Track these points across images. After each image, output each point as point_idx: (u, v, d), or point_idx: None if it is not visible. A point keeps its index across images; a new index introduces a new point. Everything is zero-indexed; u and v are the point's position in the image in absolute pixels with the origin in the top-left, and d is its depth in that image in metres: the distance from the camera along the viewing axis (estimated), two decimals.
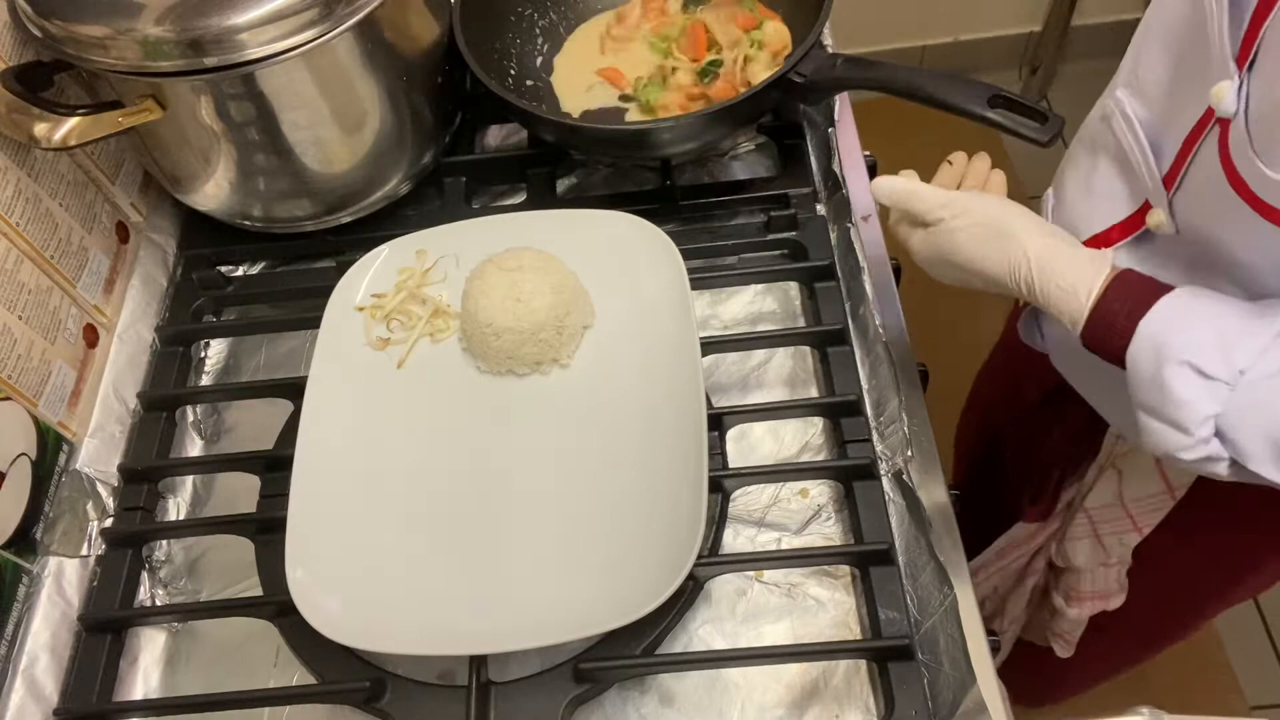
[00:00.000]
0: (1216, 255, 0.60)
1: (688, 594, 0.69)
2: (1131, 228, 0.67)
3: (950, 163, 0.73)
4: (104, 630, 0.71)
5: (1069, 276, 0.61)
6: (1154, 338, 0.57)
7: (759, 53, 0.91)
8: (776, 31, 0.92)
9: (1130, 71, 0.67)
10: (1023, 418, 0.96)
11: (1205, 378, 0.55)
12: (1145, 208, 0.65)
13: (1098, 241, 0.68)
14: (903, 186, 0.69)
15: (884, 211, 0.87)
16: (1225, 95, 0.53)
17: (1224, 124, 0.54)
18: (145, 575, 0.76)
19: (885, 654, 0.65)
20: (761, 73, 0.89)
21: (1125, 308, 0.58)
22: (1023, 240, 0.63)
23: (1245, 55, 0.53)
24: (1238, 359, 0.54)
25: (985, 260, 0.64)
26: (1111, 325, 0.59)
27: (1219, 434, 0.56)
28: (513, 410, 0.76)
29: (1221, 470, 0.58)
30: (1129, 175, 0.67)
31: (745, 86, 0.89)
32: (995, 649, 0.65)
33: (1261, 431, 0.55)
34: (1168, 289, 0.58)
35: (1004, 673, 0.63)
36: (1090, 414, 0.79)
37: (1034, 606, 1.06)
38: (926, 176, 0.72)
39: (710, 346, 0.78)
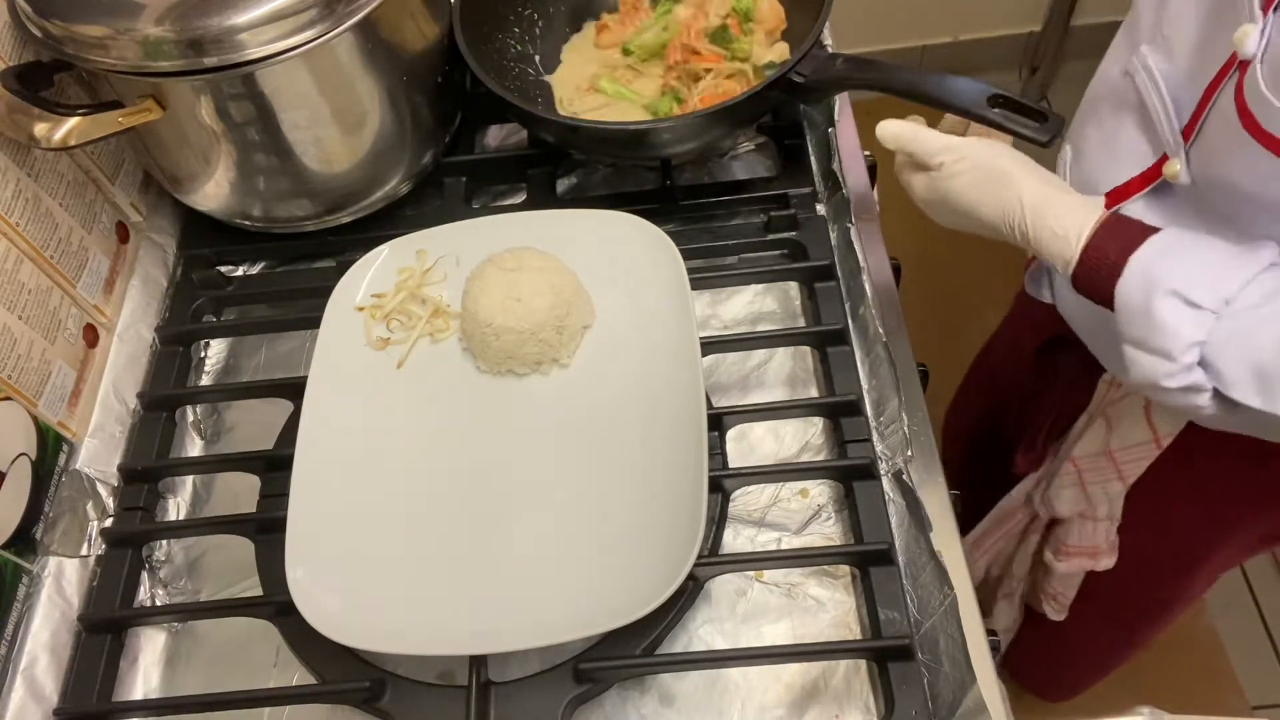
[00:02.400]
0: (1229, 204, 0.62)
1: (688, 594, 0.69)
2: (1148, 179, 0.68)
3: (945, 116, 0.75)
4: (104, 630, 0.71)
5: (1062, 221, 0.63)
6: (1143, 271, 0.59)
7: (754, 28, 0.91)
8: (771, 8, 0.92)
9: (1153, 27, 0.68)
10: (1021, 372, 0.97)
11: (1192, 306, 0.57)
12: (1163, 160, 0.66)
13: (1117, 195, 0.70)
14: (907, 130, 0.70)
15: (884, 210, 0.88)
16: (1249, 36, 0.54)
17: (1243, 67, 0.56)
18: (145, 575, 0.76)
19: (885, 654, 0.65)
20: (760, 53, 0.90)
21: (1116, 246, 0.60)
22: (1018, 186, 0.65)
23: (1271, 1, 0.54)
24: (1224, 289, 0.56)
25: (981, 205, 0.66)
26: (1102, 264, 0.61)
27: (1203, 363, 0.58)
28: (513, 410, 0.76)
29: (1204, 402, 0.59)
30: (1149, 130, 0.68)
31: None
32: (995, 649, 0.65)
33: (1244, 359, 0.56)
34: (1157, 230, 0.60)
35: (1012, 662, 0.63)
36: (1085, 363, 0.81)
37: (1034, 571, 1.07)
38: None
39: (710, 346, 0.78)
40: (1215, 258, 0.58)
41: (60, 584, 0.72)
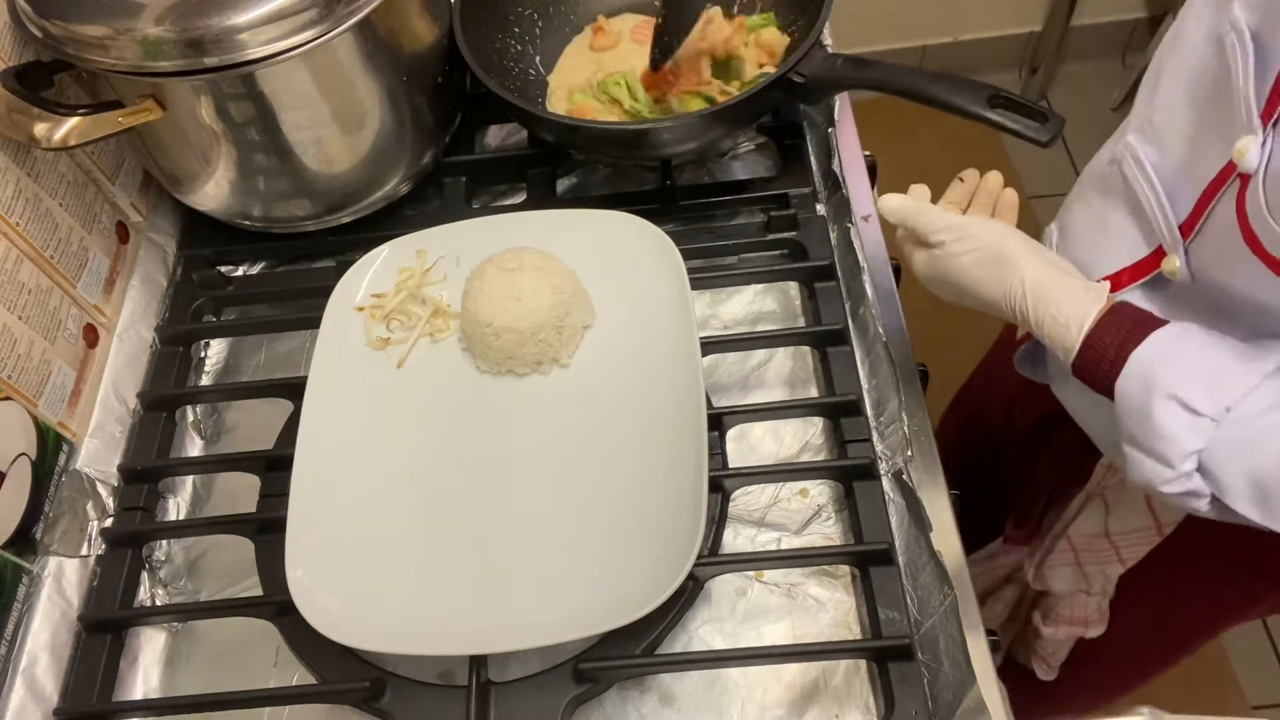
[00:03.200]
0: (1230, 303, 0.60)
1: (688, 594, 0.69)
2: (1144, 271, 0.66)
3: (961, 179, 0.73)
4: (104, 630, 0.71)
5: (1064, 307, 0.61)
6: (1143, 370, 0.57)
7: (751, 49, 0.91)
8: (773, 36, 0.92)
9: (1144, 117, 0.67)
10: (1011, 441, 0.96)
11: (1191, 413, 0.55)
12: (1159, 253, 0.65)
13: (1112, 283, 0.68)
14: (910, 206, 0.69)
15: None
16: (1249, 151, 0.53)
17: (1244, 179, 0.54)
18: (145, 575, 0.76)
19: (885, 654, 0.65)
20: (749, 70, 0.90)
21: (1117, 339, 0.59)
22: (1020, 268, 0.63)
23: (1271, 112, 0.52)
24: (1225, 396, 0.55)
25: (983, 285, 0.65)
26: (1102, 356, 0.59)
27: (1202, 469, 0.56)
28: (513, 410, 0.76)
29: (1202, 506, 0.58)
30: (1141, 220, 0.66)
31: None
32: (995, 649, 0.65)
33: (1243, 469, 0.55)
34: (1162, 323, 0.58)
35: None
36: (1081, 443, 0.79)
37: (1016, 621, 1.05)
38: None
39: (710, 346, 0.78)
40: (1217, 361, 0.56)
41: (60, 584, 0.72)
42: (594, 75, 0.95)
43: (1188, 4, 0.64)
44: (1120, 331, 0.59)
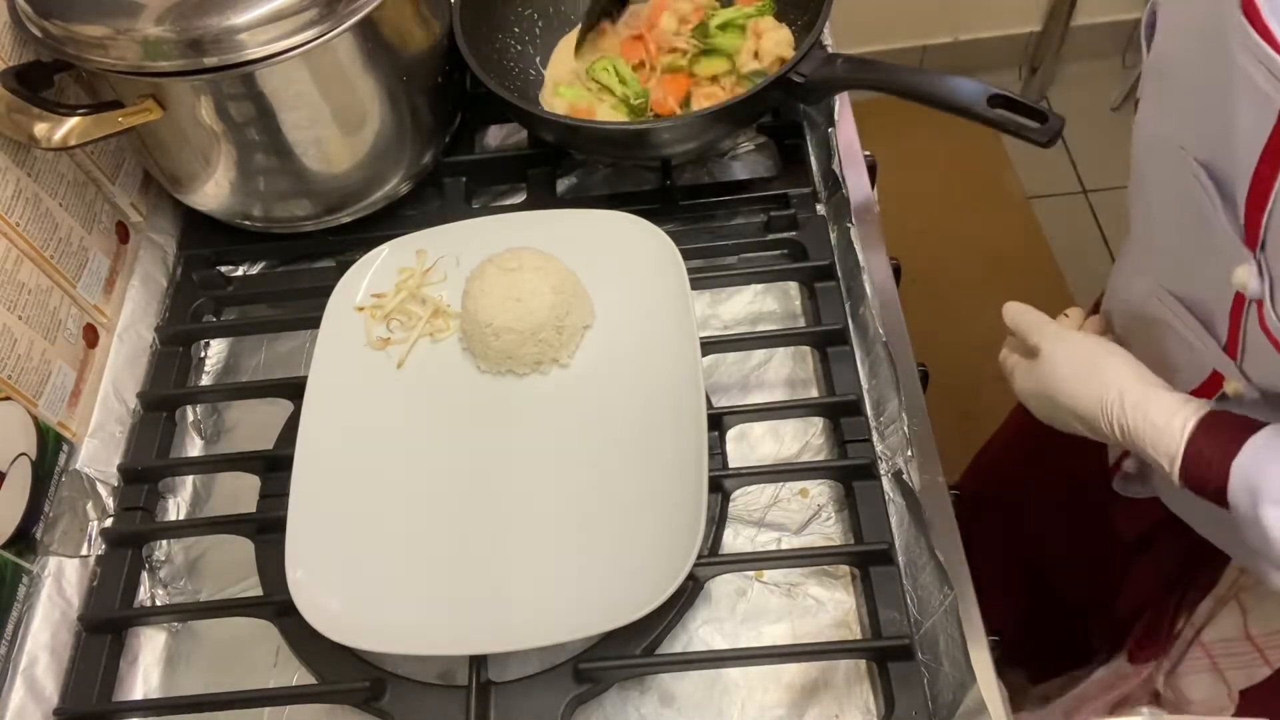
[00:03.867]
0: None
1: (688, 594, 0.69)
2: (1210, 393, 0.66)
3: (1068, 315, 0.75)
4: (104, 630, 0.71)
5: (1162, 415, 0.61)
6: (1246, 478, 0.56)
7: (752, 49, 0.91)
8: (777, 37, 0.91)
9: (1146, 251, 0.68)
10: (1107, 557, 0.92)
11: None
12: (1217, 377, 0.65)
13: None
14: (1026, 310, 0.71)
15: (885, 210, 0.88)
16: (1249, 281, 0.53)
17: (1259, 303, 0.54)
18: (145, 575, 0.76)
19: (885, 654, 0.65)
20: (746, 61, 0.90)
21: (1219, 447, 0.58)
22: (1118, 379, 0.63)
23: (1253, 237, 0.53)
24: None
25: (1078, 397, 0.65)
26: (1208, 466, 0.58)
27: None
28: (513, 410, 0.76)
29: None
30: (1189, 348, 0.66)
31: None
32: (995, 649, 0.65)
33: None
34: (1259, 425, 0.58)
35: None
36: (1196, 545, 0.76)
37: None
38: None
39: (710, 346, 0.78)
40: None
41: (60, 584, 0.72)
42: (577, 66, 0.95)
43: (1141, 151, 0.64)
44: (1219, 437, 0.58)
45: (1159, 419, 0.61)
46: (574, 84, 0.95)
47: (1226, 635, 0.82)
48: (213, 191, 0.85)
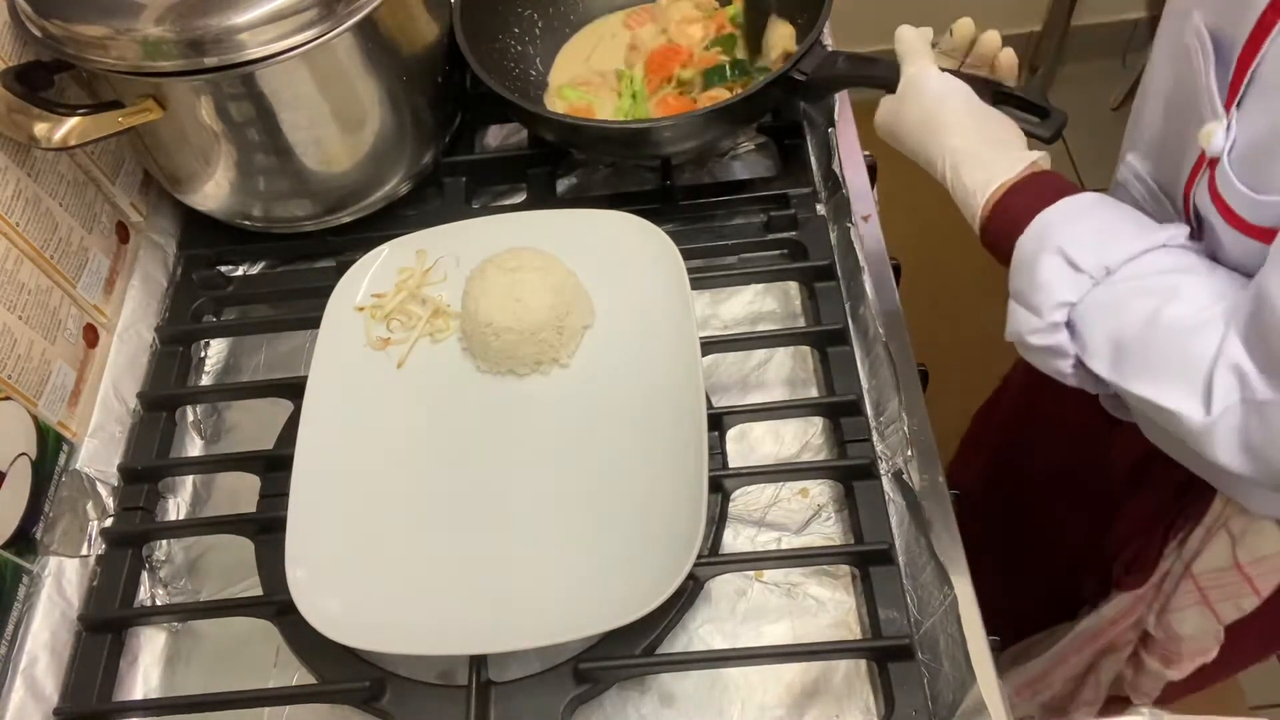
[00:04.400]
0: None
1: (688, 594, 0.69)
2: None
3: (952, 32, 0.76)
4: (104, 630, 0.71)
5: (978, 175, 0.64)
6: (1042, 229, 0.59)
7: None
8: (780, 34, 0.92)
9: (1136, 135, 0.69)
10: (1103, 495, 0.92)
11: (1073, 268, 0.57)
12: None
13: (1046, 154, 0.71)
14: (911, 36, 0.73)
15: (884, 210, 0.88)
16: (1215, 135, 0.54)
17: (1213, 165, 0.55)
18: (145, 575, 0.76)
19: (885, 654, 0.65)
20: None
21: (1028, 203, 0.61)
22: (949, 137, 0.66)
23: (1233, 97, 0.54)
24: (1109, 257, 0.56)
25: (920, 146, 0.69)
26: (1014, 220, 0.61)
27: (1072, 328, 0.58)
28: (513, 410, 0.76)
29: (1066, 368, 0.60)
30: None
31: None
32: (995, 649, 0.65)
33: (1108, 331, 0.56)
34: (1078, 193, 0.60)
35: None
36: (1187, 479, 0.77)
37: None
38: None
39: (710, 346, 0.78)
40: (1116, 228, 0.58)
41: (60, 584, 0.72)
42: (581, 70, 0.96)
43: (1159, 32, 0.65)
44: (1036, 195, 0.61)
45: (972, 177, 0.64)
46: (577, 86, 0.95)
47: (1216, 565, 0.82)
48: (213, 191, 0.85)
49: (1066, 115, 0.70)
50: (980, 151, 0.65)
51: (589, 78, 0.96)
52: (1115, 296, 0.56)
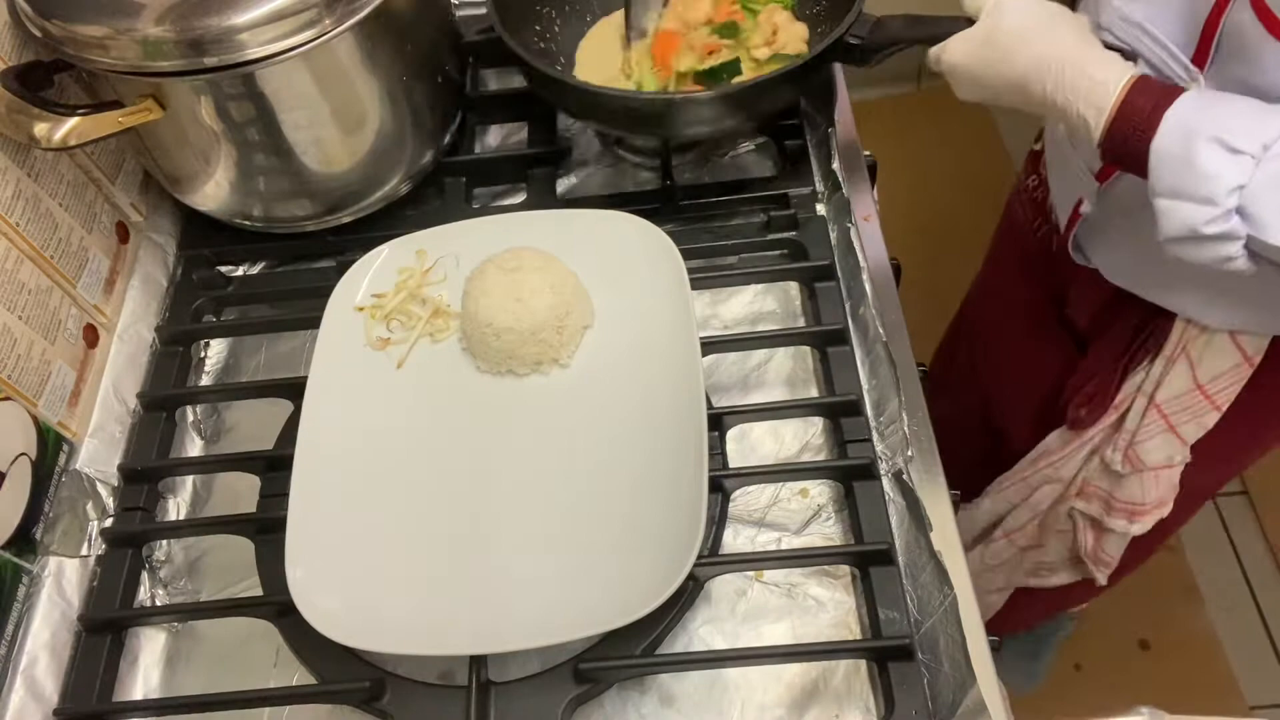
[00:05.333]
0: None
1: (688, 594, 0.69)
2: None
3: None
4: (104, 630, 0.71)
5: (1101, 70, 0.64)
6: (1181, 122, 0.60)
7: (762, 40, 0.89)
8: (789, 29, 0.90)
9: None
10: (1061, 360, 0.98)
11: (1233, 151, 0.58)
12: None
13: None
14: None
15: (884, 210, 0.88)
16: None
17: None
18: (145, 575, 0.76)
19: (885, 654, 0.65)
20: (761, 50, 0.88)
21: (1150, 102, 0.62)
22: (1066, 34, 0.66)
23: None
24: (1263, 134, 0.58)
25: (1019, 54, 0.67)
26: (1140, 115, 0.62)
27: (1239, 210, 0.59)
28: (513, 410, 0.76)
29: (1235, 251, 0.61)
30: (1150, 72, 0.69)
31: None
32: (995, 649, 0.65)
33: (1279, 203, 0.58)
34: (1186, 89, 0.62)
35: None
36: (1141, 322, 0.83)
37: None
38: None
39: (710, 346, 0.78)
40: (1250, 108, 0.60)
41: (60, 584, 0.72)
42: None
43: None
44: (1152, 96, 0.62)
45: (1098, 73, 0.64)
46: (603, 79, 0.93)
47: (1178, 391, 0.86)
48: (212, 191, 0.85)
49: None
50: (1088, 59, 0.65)
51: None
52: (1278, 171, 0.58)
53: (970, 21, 0.71)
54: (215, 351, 0.88)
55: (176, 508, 0.79)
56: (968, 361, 1.16)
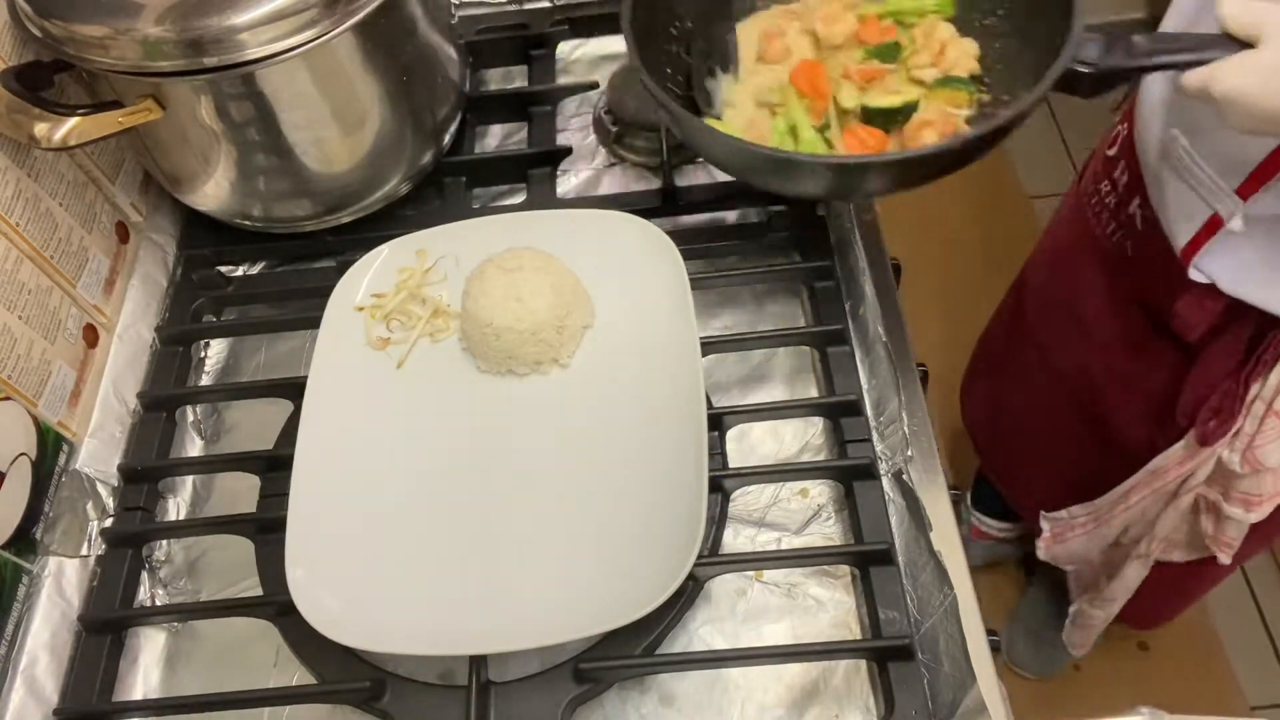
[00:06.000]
0: None
1: (688, 594, 0.69)
2: (1206, 237, 0.73)
3: None
4: (104, 630, 0.71)
5: None
6: None
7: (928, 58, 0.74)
8: (956, 46, 0.74)
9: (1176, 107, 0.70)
10: (1171, 365, 0.96)
11: None
12: (1216, 219, 0.71)
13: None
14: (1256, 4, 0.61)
15: (885, 210, 0.88)
16: None
17: None
18: (145, 575, 0.76)
19: (885, 654, 0.65)
20: (928, 73, 0.73)
21: None
22: None
23: None
24: None
25: None
26: None
27: None
28: (513, 410, 0.76)
29: None
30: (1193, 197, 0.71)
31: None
32: (995, 649, 0.65)
33: None
34: None
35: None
36: (1259, 332, 0.83)
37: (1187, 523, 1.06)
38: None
39: (710, 346, 0.78)
40: None
41: (60, 584, 0.72)
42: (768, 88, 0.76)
43: None
44: None
45: None
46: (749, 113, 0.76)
47: None
48: (212, 191, 0.85)
49: None
50: None
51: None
52: None
53: (1238, 43, 0.60)
54: (215, 351, 0.88)
55: (176, 508, 0.80)
56: (1038, 361, 1.14)
